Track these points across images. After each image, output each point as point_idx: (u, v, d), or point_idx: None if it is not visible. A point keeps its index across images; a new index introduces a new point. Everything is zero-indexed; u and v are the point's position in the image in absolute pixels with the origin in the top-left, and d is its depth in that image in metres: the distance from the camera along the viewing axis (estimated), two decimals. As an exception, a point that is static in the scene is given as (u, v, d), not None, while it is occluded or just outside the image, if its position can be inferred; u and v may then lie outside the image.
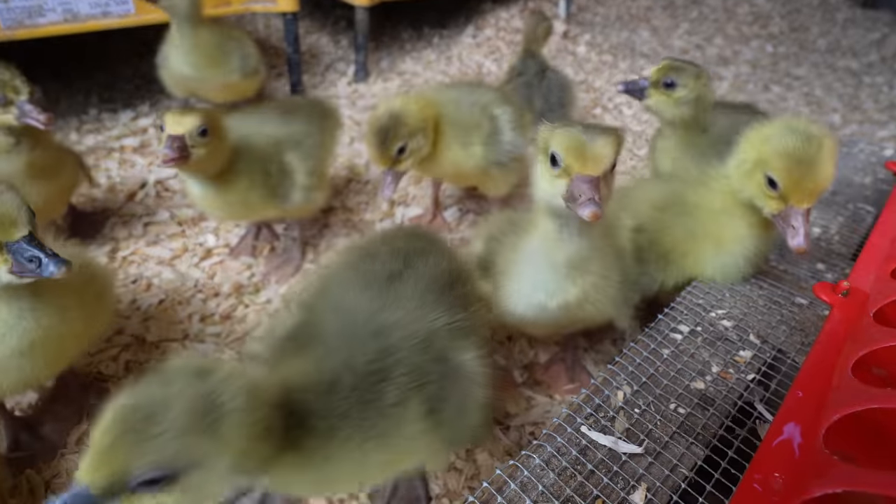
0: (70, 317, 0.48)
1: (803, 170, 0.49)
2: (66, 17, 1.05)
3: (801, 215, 0.51)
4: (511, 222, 0.60)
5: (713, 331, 0.60)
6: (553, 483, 0.44)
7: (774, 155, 0.51)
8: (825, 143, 0.50)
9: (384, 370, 0.39)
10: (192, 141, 0.64)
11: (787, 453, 0.42)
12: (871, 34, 2.32)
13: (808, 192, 0.50)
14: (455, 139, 0.77)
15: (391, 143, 0.69)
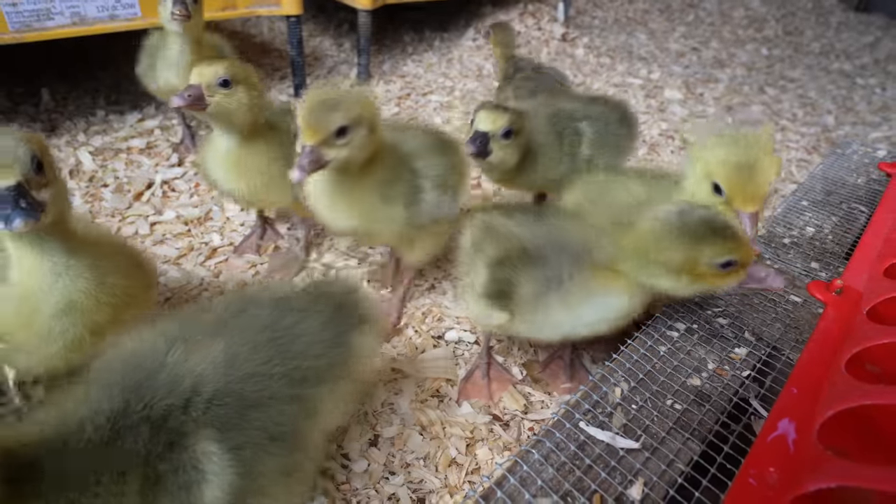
0: (109, 283, 0.46)
1: (744, 175, 0.52)
2: (74, 20, 1.06)
3: (748, 219, 0.52)
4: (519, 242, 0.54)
5: (709, 328, 0.61)
6: (552, 478, 0.44)
7: (717, 164, 0.54)
8: (764, 149, 0.53)
9: (112, 435, 0.32)
10: (211, 91, 0.63)
11: (781, 449, 0.43)
12: (864, 37, 2.34)
13: (751, 196, 0.52)
14: (377, 189, 0.59)
15: (335, 114, 0.51)
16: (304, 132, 0.52)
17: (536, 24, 2.00)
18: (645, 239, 0.48)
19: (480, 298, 0.54)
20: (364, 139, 0.55)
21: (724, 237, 0.46)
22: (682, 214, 0.48)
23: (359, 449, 0.60)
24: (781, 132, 1.49)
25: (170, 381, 0.35)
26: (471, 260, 0.57)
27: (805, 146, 1.41)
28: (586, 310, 0.52)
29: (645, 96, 1.62)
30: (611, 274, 0.51)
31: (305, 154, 0.51)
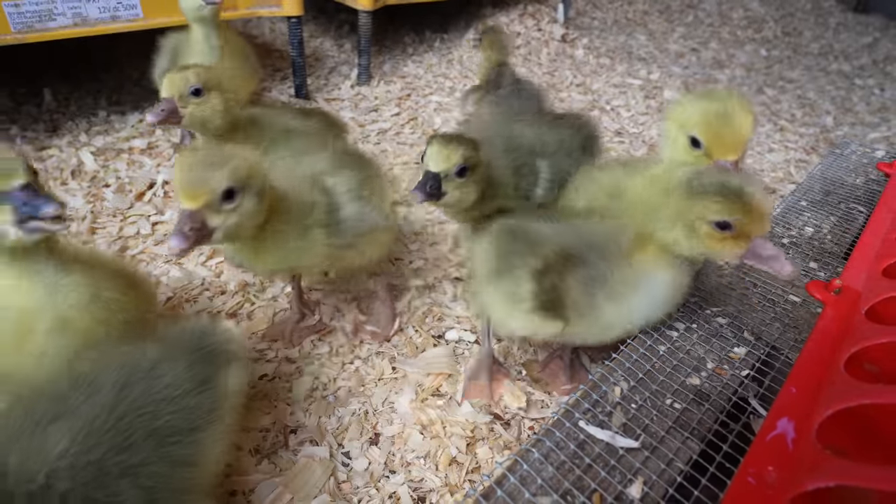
0: (103, 298, 0.46)
1: (721, 122, 0.51)
2: (76, 21, 1.06)
3: (730, 167, 0.51)
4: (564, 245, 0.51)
5: (708, 328, 0.61)
6: (552, 476, 0.45)
7: (692, 115, 0.52)
8: (737, 100, 0.52)
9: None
10: (184, 101, 0.63)
11: (780, 448, 0.43)
12: (862, 38, 2.35)
13: (730, 144, 0.51)
14: (290, 223, 0.54)
15: (220, 173, 0.44)
16: (181, 195, 0.43)
17: (536, 25, 2.01)
18: (659, 196, 0.48)
19: (531, 311, 0.51)
20: (255, 206, 0.48)
21: (724, 196, 0.44)
22: (699, 174, 0.46)
23: (359, 447, 0.60)
24: (780, 132, 1.49)
25: (21, 482, 0.32)
26: (501, 271, 0.52)
27: (804, 146, 1.41)
28: (637, 300, 0.51)
29: (644, 97, 1.62)
30: (646, 256, 0.50)
31: (184, 219, 0.43)
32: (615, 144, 1.38)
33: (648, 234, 0.50)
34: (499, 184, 0.66)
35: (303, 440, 0.60)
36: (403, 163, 1.23)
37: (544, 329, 0.53)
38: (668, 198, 0.48)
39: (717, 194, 0.45)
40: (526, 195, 0.69)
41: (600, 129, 0.79)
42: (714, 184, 0.45)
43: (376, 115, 1.41)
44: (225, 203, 0.46)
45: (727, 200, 0.44)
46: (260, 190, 0.49)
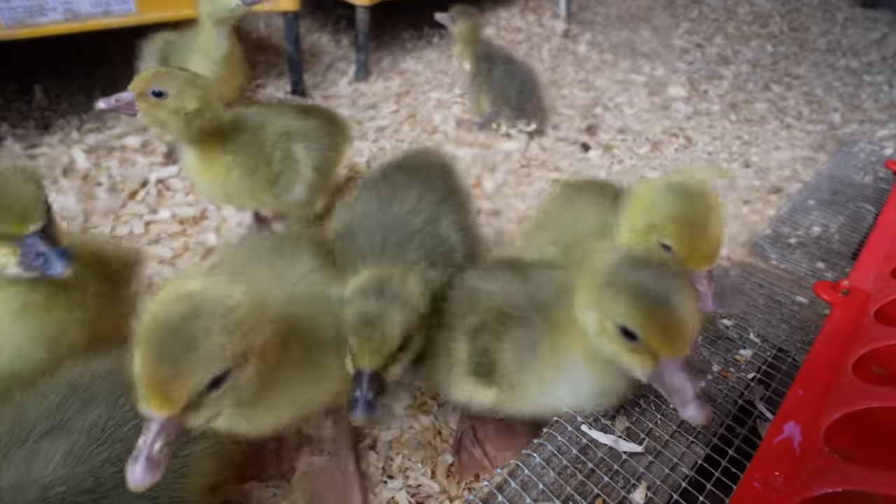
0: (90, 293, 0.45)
1: (695, 233, 0.46)
2: (68, 16, 1.04)
3: (703, 278, 0.46)
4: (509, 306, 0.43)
5: (713, 329, 0.60)
6: (553, 482, 0.44)
7: (665, 221, 0.47)
8: (711, 203, 0.47)
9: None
10: (143, 99, 0.62)
11: (787, 452, 0.42)
12: (871, 33, 2.31)
13: (704, 254, 0.47)
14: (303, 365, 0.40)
15: (201, 360, 0.30)
16: (145, 400, 0.30)
17: (538, 20, 1.98)
18: (585, 273, 0.38)
19: (465, 375, 0.45)
20: (254, 370, 0.33)
21: (635, 301, 0.34)
22: (633, 259, 0.36)
23: (357, 452, 0.59)
24: (787, 130, 1.47)
25: (16, 497, 0.31)
26: (454, 331, 0.46)
27: (811, 144, 1.39)
28: (561, 385, 0.42)
29: (648, 94, 1.60)
30: (572, 340, 0.40)
31: (155, 434, 0.29)
32: (618, 142, 1.36)
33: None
34: None
35: (301, 447, 0.59)
36: (402, 161, 1.23)
37: (477, 396, 0.46)
38: (591, 277, 0.38)
39: (629, 295, 0.35)
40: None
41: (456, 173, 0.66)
42: (633, 282, 0.35)
43: (374, 112, 1.39)
44: (213, 391, 0.32)
45: (636, 307, 0.35)
46: (262, 348, 0.34)
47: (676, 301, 0.35)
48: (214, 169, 0.70)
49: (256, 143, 0.72)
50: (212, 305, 0.32)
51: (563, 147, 1.30)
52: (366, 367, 0.39)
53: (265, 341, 0.34)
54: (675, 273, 0.37)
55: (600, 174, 1.22)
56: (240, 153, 0.71)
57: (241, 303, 0.33)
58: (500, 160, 1.23)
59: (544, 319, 0.43)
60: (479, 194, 1.11)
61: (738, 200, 1.15)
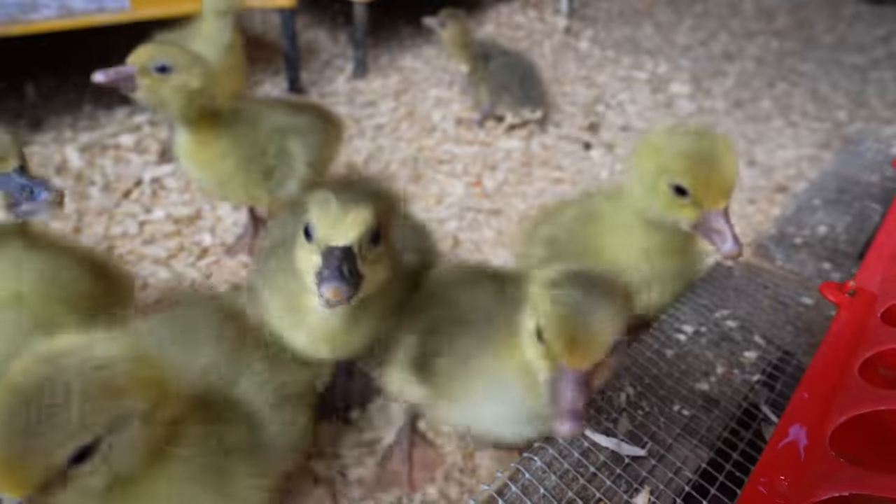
0: (62, 280, 0.45)
1: (709, 167, 0.44)
2: (61, 12, 1.03)
3: (722, 217, 0.45)
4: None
5: (718, 331, 0.59)
6: (555, 486, 0.43)
7: (675, 159, 0.45)
8: (720, 139, 0.46)
9: None
10: (144, 74, 0.60)
11: (792, 456, 0.42)
12: (877, 30, 2.29)
13: (721, 190, 0.44)
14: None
15: (50, 443, 0.25)
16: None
17: (539, 16, 1.96)
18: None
19: (398, 366, 0.45)
20: (136, 439, 0.28)
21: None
22: (570, 275, 0.35)
23: (356, 456, 0.58)
24: (792, 128, 1.46)
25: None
26: (410, 322, 0.45)
27: (817, 142, 1.38)
28: (482, 401, 0.40)
29: (651, 91, 1.59)
30: (511, 356, 0.37)
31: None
32: (621, 141, 1.34)
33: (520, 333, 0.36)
34: None
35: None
36: (401, 160, 1.20)
37: (406, 390, 0.46)
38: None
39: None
40: None
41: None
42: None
43: (373, 109, 1.37)
44: (77, 466, 0.27)
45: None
46: (146, 412, 0.29)
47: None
48: (209, 153, 0.68)
49: (252, 134, 0.71)
50: (76, 364, 0.27)
51: (564, 145, 1.29)
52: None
53: (153, 403, 0.29)
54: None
55: (602, 173, 1.21)
56: (236, 141, 0.69)
57: (115, 358, 0.28)
58: (500, 158, 1.22)
59: (484, 333, 0.40)
60: (479, 193, 1.10)
61: (743, 200, 1.14)
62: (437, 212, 1.05)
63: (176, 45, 0.64)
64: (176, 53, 0.62)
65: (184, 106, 0.63)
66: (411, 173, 1.16)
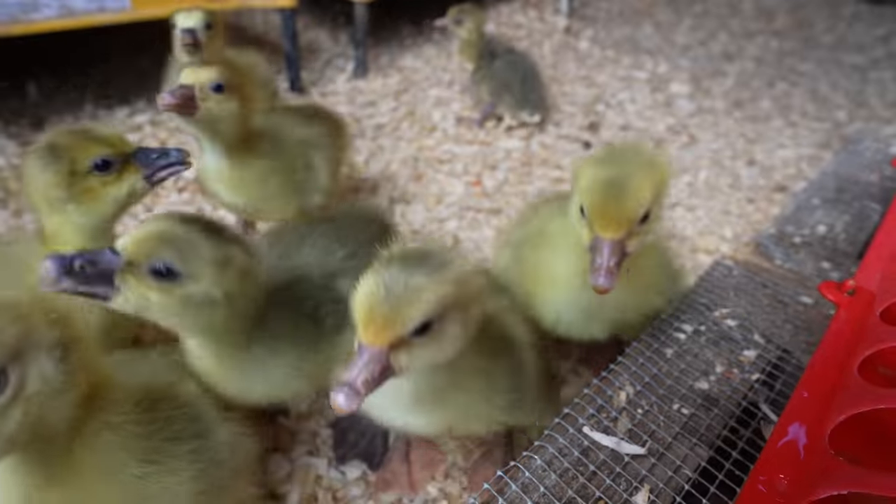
0: None
1: (603, 195, 0.42)
2: (62, 12, 1.03)
3: (607, 247, 0.41)
4: None
5: (717, 330, 0.59)
6: (555, 484, 0.43)
7: (584, 179, 0.45)
8: (637, 172, 0.43)
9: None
10: (203, 94, 0.58)
11: (792, 454, 0.42)
12: (876, 30, 2.29)
13: (608, 219, 0.42)
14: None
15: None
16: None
17: (539, 15, 1.96)
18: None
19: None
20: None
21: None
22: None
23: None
24: (792, 127, 1.46)
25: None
26: None
27: (816, 142, 1.38)
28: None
29: (651, 90, 1.59)
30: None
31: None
32: (620, 140, 1.35)
33: None
34: None
35: (300, 450, 0.58)
36: (401, 160, 1.20)
37: None
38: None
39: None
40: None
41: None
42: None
43: (373, 109, 1.37)
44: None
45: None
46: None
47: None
48: (248, 177, 0.67)
49: (283, 151, 0.71)
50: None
51: (564, 145, 1.29)
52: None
53: (60, 341, 0.29)
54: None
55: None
56: (272, 160, 0.68)
57: (16, 293, 0.30)
58: (500, 158, 1.22)
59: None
60: (479, 192, 1.10)
61: (742, 199, 1.14)
62: (437, 211, 1.05)
63: (224, 62, 0.64)
64: (228, 70, 0.61)
65: (236, 126, 0.62)
66: (411, 173, 1.16)
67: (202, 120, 0.61)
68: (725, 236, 1.04)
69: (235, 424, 0.42)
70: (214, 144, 0.65)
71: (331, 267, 0.53)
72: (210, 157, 0.67)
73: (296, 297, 0.49)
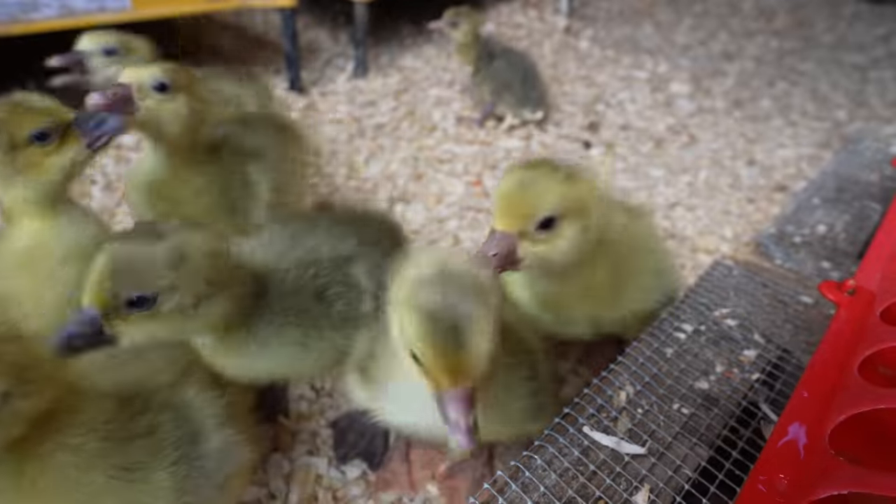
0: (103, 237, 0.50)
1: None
2: (62, 12, 1.03)
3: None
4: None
5: (717, 330, 0.59)
6: (555, 484, 0.43)
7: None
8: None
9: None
10: (143, 93, 0.52)
11: (792, 454, 0.42)
12: (877, 29, 2.28)
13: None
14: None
15: None
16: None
17: (539, 15, 1.97)
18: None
19: (350, 367, 0.44)
20: None
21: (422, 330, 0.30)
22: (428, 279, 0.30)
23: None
24: (792, 127, 1.46)
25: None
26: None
27: (816, 142, 1.38)
28: (391, 396, 0.38)
29: (651, 90, 1.59)
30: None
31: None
32: (620, 140, 1.35)
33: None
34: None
35: (300, 450, 0.58)
36: (401, 159, 1.20)
37: (354, 394, 0.44)
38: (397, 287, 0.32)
39: (416, 308, 0.30)
40: None
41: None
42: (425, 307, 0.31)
43: (373, 109, 1.37)
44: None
45: (421, 332, 0.31)
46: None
47: (461, 334, 0.30)
48: (183, 191, 0.60)
49: (218, 167, 0.62)
50: None
51: (564, 144, 1.29)
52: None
53: (11, 385, 0.27)
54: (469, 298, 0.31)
55: (602, 172, 1.22)
56: (210, 177, 0.61)
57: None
58: (501, 158, 1.22)
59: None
60: (479, 192, 1.10)
61: (742, 199, 1.14)
62: (437, 211, 1.05)
63: (178, 67, 0.55)
64: (174, 69, 0.53)
65: (183, 130, 0.55)
66: (412, 172, 1.16)
67: (142, 122, 0.53)
68: (725, 236, 1.04)
69: (233, 429, 0.40)
70: (157, 150, 0.58)
71: (344, 252, 0.50)
72: (146, 165, 0.59)
73: (304, 276, 0.47)
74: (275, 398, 0.61)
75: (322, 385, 0.67)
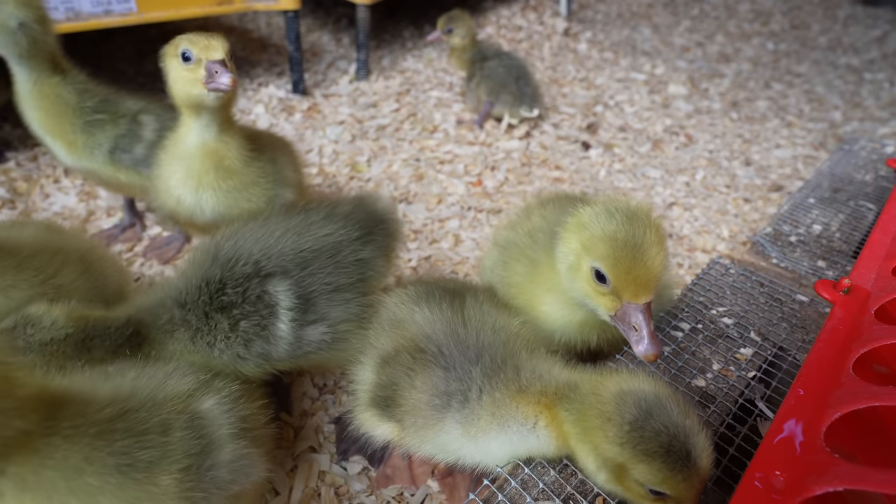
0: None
1: (632, 257, 0.39)
2: (69, 15, 1.04)
3: (641, 312, 0.39)
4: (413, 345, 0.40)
5: (714, 328, 0.60)
6: (554, 480, 0.44)
7: (596, 242, 0.40)
8: (651, 224, 0.41)
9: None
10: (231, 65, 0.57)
11: (788, 451, 0.42)
12: (872, 31, 2.31)
13: (642, 282, 0.39)
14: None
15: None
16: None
17: (538, 18, 1.98)
18: (590, 407, 0.36)
19: (364, 405, 0.44)
20: None
21: (669, 466, 0.34)
22: (642, 409, 0.34)
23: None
24: (788, 128, 1.47)
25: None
26: (364, 354, 0.45)
27: (812, 142, 1.39)
28: (494, 444, 0.40)
29: (649, 92, 1.60)
30: (537, 404, 0.38)
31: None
32: (619, 141, 1.36)
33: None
34: None
35: (302, 446, 0.59)
36: (403, 160, 1.22)
37: (375, 429, 0.44)
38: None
39: (659, 460, 0.34)
40: None
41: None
42: (658, 438, 0.34)
43: (375, 110, 1.39)
44: None
45: (672, 471, 0.34)
46: None
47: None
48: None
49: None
50: None
51: (563, 145, 1.30)
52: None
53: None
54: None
55: (601, 173, 1.22)
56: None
57: None
58: (500, 158, 1.23)
59: (485, 374, 0.39)
60: (480, 192, 1.11)
61: (739, 199, 1.15)
62: (438, 211, 1.06)
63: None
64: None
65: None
66: (413, 173, 1.17)
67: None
68: (722, 235, 1.05)
69: (248, 443, 0.38)
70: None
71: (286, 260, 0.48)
72: (189, 139, 0.61)
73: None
74: (278, 395, 0.62)
75: (325, 382, 0.68)
